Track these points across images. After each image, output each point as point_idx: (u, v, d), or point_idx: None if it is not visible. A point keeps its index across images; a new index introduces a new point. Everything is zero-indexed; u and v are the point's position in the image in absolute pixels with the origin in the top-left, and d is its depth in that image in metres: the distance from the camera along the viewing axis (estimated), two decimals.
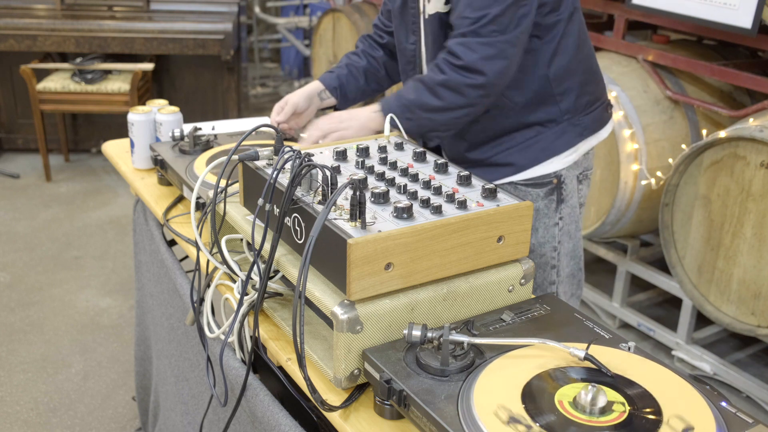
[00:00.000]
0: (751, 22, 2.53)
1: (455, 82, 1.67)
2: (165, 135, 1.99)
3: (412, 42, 1.87)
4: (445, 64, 1.67)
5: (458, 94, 1.68)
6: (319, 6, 6.07)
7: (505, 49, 1.65)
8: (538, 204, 1.85)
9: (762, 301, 2.55)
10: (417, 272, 1.17)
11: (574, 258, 1.95)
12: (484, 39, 1.64)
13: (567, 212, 1.89)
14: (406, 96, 1.72)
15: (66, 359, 2.99)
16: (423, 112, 1.70)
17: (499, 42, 1.65)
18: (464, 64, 1.65)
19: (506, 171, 1.83)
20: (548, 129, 1.81)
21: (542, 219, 1.86)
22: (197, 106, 5.02)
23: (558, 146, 1.82)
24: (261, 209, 1.24)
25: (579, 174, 1.88)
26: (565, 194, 1.86)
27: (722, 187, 2.60)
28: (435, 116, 1.71)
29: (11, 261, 3.72)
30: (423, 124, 1.72)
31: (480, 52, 1.64)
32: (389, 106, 1.73)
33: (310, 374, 1.17)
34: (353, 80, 2.02)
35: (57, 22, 4.51)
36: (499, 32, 1.64)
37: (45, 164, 4.62)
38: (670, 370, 1.08)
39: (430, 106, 1.69)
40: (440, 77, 1.67)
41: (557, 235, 1.88)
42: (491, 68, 1.65)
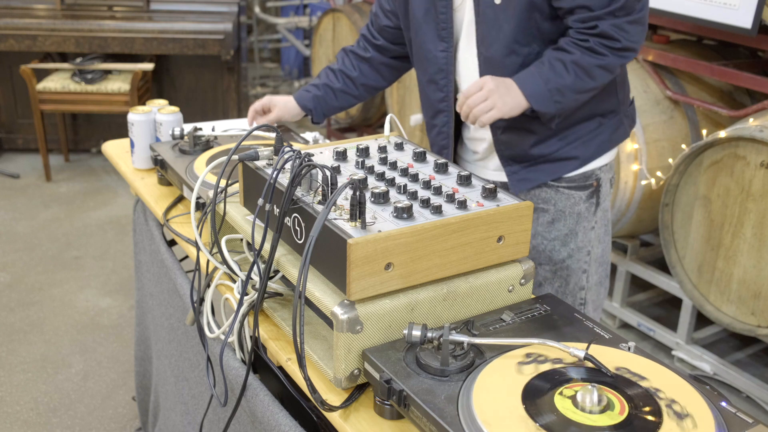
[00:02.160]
0: (751, 22, 2.53)
1: (613, 64, 1.64)
2: (165, 135, 1.99)
3: (443, 49, 1.78)
4: (602, 47, 1.62)
5: (609, 73, 1.66)
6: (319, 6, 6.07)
7: (645, 17, 1.64)
8: (580, 207, 1.82)
9: (762, 301, 2.55)
10: (417, 272, 1.17)
11: (602, 264, 1.92)
12: (633, 16, 1.61)
13: (600, 216, 1.87)
14: (558, 79, 1.63)
15: (66, 359, 2.99)
16: (575, 93, 1.66)
17: (644, 14, 1.63)
18: (623, 46, 1.62)
19: (570, 165, 1.80)
20: (608, 120, 1.80)
21: (582, 223, 1.83)
22: (197, 106, 5.02)
23: (616, 138, 1.82)
24: (261, 209, 1.24)
25: (611, 177, 1.88)
26: (601, 198, 1.85)
27: (722, 187, 2.60)
28: (582, 96, 1.68)
29: (11, 261, 3.72)
30: (567, 105, 1.68)
31: (632, 30, 1.61)
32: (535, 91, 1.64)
33: (310, 374, 1.17)
34: (327, 101, 1.99)
35: (57, 22, 4.51)
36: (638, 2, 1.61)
37: (45, 164, 4.62)
38: (670, 370, 1.08)
39: (585, 88, 1.66)
40: (600, 60, 1.63)
41: (592, 239, 1.86)
42: (639, 44, 1.65)
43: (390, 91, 4.29)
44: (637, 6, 1.61)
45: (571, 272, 1.86)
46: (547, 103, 1.65)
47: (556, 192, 1.80)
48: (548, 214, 1.83)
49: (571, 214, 1.82)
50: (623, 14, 1.60)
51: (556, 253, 1.84)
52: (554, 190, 1.80)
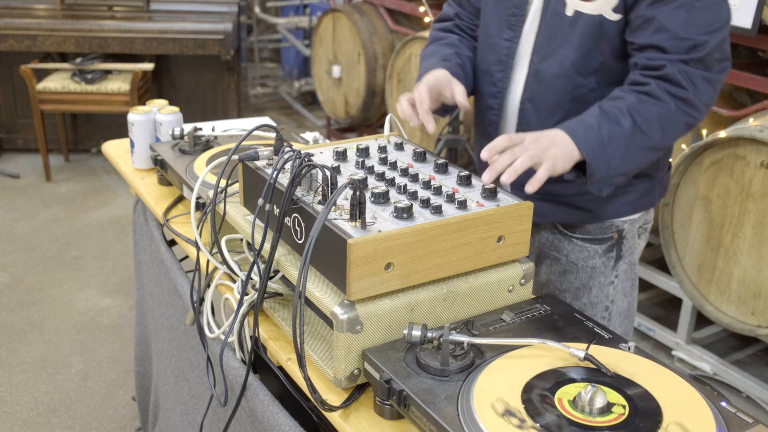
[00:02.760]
0: (751, 22, 2.53)
1: (675, 116, 1.41)
2: (165, 135, 1.99)
3: (507, 38, 1.59)
4: (663, 92, 1.40)
5: (672, 127, 1.43)
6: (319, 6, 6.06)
7: (721, 82, 1.43)
8: (595, 261, 1.63)
9: (762, 301, 2.55)
10: (417, 272, 1.17)
11: (628, 317, 1.73)
12: (709, 74, 1.41)
13: (624, 269, 1.67)
14: (612, 127, 1.38)
15: (66, 359, 2.99)
16: (633, 149, 1.40)
17: (721, 77, 1.42)
18: (688, 98, 1.40)
19: (582, 216, 1.61)
20: (640, 183, 1.59)
21: (597, 278, 1.65)
22: (197, 106, 5.02)
23: (641, 204, 1.63)
24: (261, 209, 1.24)
25: (640, 227, 1.67)
26: (624, 250, 1.65)
27: (722, 187, 2.60)
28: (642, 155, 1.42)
29: (11, 261, 3.72)
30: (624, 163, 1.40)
31: (702, 88, 1.41)
32: (588, 140, 1.37)
33: (310, 374, 1.17)
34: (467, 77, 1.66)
35: (57, 22, 4.51)
36: (719, 62, 1.41)
37: (45, 164, 4.62)
38: (670, 370, 1.08)
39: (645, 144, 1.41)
40: (660, 107, 1.40)
41: (611, 294, 1.67)
42: (707, 109, 1.44)
43: (390, 91, 4.29)
44: (717, 66, 1.42)
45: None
46: (600, 154, 1.36)
47: (569, 242, 1.63)
48: (560, 264, 1.67)
49: (584, 268, 1.64)
50: (700, 67, 1.40)
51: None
52: (567, 239, 1.63)
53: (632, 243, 1.67)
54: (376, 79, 4.52)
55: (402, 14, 4.55)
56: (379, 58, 4.49)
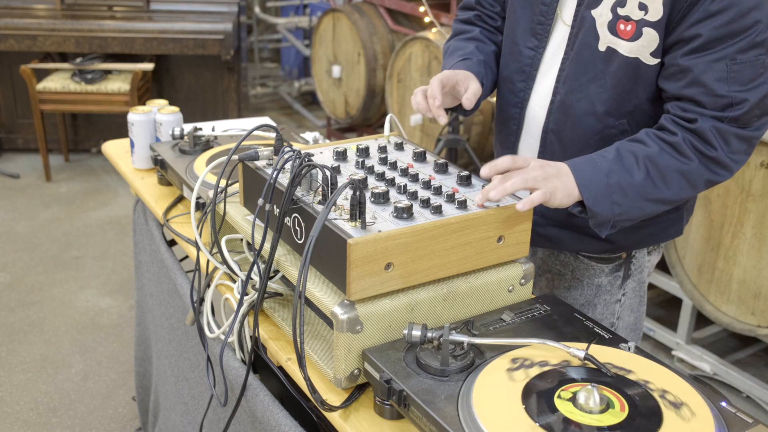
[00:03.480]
0: None
1: (698, 174, 1.32)
2: (165, 135, 1.99)
3: (532, 47, 1.49)
4: (690, 149, 1.31)
5: (692, 187, 1.34)
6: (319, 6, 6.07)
7: (754, 145, 1.34)
8: (601, 279, 1.57)
9: (762, 301, 2.55)
10: (417, 272, 1.17)
11: (635, 331, 1.68)
12: (743, 131, 1.30)
13: (632, 287, 1.60)
14: (624, 175, 1.30)
15: (66, 359, 2.99)
16: (641, 200, 1.32)
17: (755, 137, 1.32)
18: (716, 156, 1.31)
19: (602, 246, 1.52)
20: (667, 215, 1.50)
21: (603, 296, 1.59)
22: (197, 106, 5.02)
23: (668, 234, 1.54)
24: (261, 209, 1.24)
25: (651, 246, 1.60)
26: (633, 269, 1.58)
27: (722, 187, 2.60)
28: (649, 207, 1.34)
29: (11, 261, 3.72)
30: (628, 213, 1.32)
31: (734, 145, 1.31)
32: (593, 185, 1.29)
33: (310, 374, 1.17)
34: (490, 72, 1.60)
35: (57, 22, 4.51)
36: (758, 118, 1.31)
37: (45, 164, 4.62)
38: (670, 370, 1.08)
39: (655, 197, 1.32)
40: (682, 164, 1.31)
41: (617, 311, 1.62)
42: (738, 164, 1.34)
43: (390, 91, 4.29)
44: (756, 122, 1.31)
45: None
46: (602, 200, 1.29)
47: (575, 258, 1.57)
48: (565, 279, 1.61)
49: (590, 285, 1.59)
50: (735, 125, 1.30)
51: None
52: (573, 255, 1.58)
53: (641, 262, 1.60)
54: (376, 79, 4.52)
55: (402, 14, 4.55)
56: (379, 58, 4.49)
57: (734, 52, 1.27)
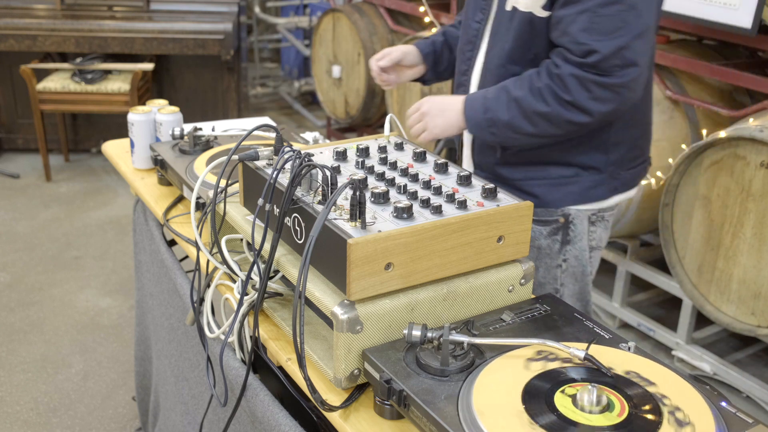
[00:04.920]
0: (751, 22, 2.53)
1: (557, 117, 1.52)
2: (165, 135, 1.99)
3: (478, 20, 1.71)
4: (550, 95, 1.51)
5: (555, 127, 1.55)
6: (319, 6, 6.07)
7: (621, 92, 1.49)
8: (540, 242, 1.72)
9: (762, 301, 2.55)
10: (417, 272, 1.17)
11: (581, 300, 1.81)
12: (601, 78, 1.47)
13: (573, 254, 1.74)
14: (496, 112, 1.57)
15: (66, 359, 2.99)
16: (511, 132, 1.58)
17: (618, 84, 1.48)
18: (573, 100, 1.50)
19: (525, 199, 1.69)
20: (588, 175, 1.67)
21: (544, 258, 1.73)
22: (197, 106, 5.02)
23: (590, 195, 1.69)
24: (261, 209, 1.24)
25: (591, 214, 1.73)
26: (573, 236, 1.72)
27: (722, 187, 2.60)
28: (522, 139, 1.59)
29: (11, 261, 3.72)
30: (505, 141, 1.62)
31: (593, 92, 1.48)
32: (475, 118, 1.60)
33: (310, 374, 1.17)
34: (447, 51, 1.91)
35: (57, 22, 4.51)
36: (620, 68, 1.46)
37: (45, 164, 4.62)
38: (670, 370, 1.08)
39: (522, 131, 1.57)
40: (542, 108, 1.52)
41: (559, 277, 1.75)
42: (599, 110, 1.50)
43: (390, 91, 4.29)
44: (616, 72, 1.47)
45: None
46: (482, 131, 1.61)
47: None
48: None
49: (531, 248, 1.72)
50: (594, 72, 1.48)
51: None
52: None
53: (581, 229, 1.73)
54: None
55: (402, 14, 4.55)
56: None
57: (597, 5, 1.46)
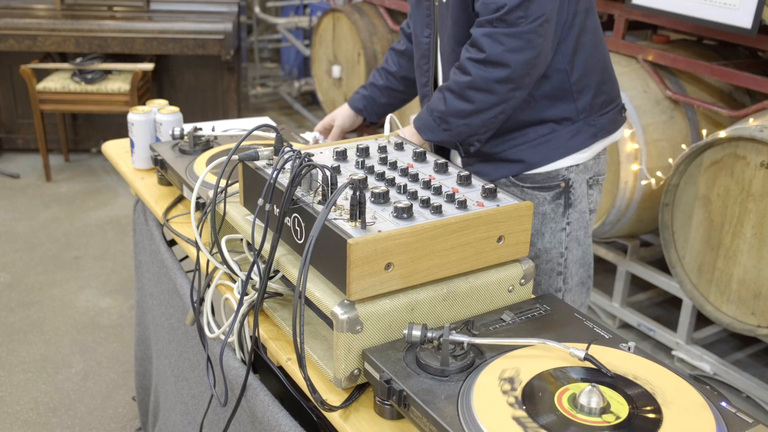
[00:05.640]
0: (751, 22, 2.53)
1: (482, 80, 1.61)
2: (165, 135, 1.99)
3: (427, 35, 1.84)
4: (468, 62, 1.62)
5: (488, 93, 1.62)
6: (319, 6, 6.07)
7: (532, 39, 1.59)
8: (545, 208, 1.81)
9: (762, 301, 2.55)
10: (417, 272, 1.17)
11: (583, 266, 1.90)
12: (510, 29, 1.57)
13: (575, 217, 1.83)
14: (437, 108, 1.68)
15: (66, 359, 2.99)
16: (458, 119, 1.66)
17: (526, 32, 1.58)
18: (487, 57, 1.59)
19: (516, 167, 1.79)
20: (563, 127, 1.76)
21: (549, 223, 1.82)
22: (197, 106, 5.02)
23: (572, 145, 1.78)
24: (261, 209, 1.24)
25: (589, 178, 1.83)
26: (573, 198, 1.82)
27: (722, 187, 2.60)
28: (470, 120, 1.66)
29: (11, 261, 3.72)
30: (461, 131, 1.68)
31: (506, 44, 1.58)
32: (424, 123, 1.71)
33: (310, 374, 1.17)
34: (375, 99, 2.08)
35: (57, 22, 4.51)
36: (525, 18, 1.57)
37: (45, 164, 4.62)
38: (670, 370, 1.08)
39: (463, 112, 1.65)
40: (466, 79, 1.62)
41: (564, 240, 1.83)
42: (516, 60, 1.59)
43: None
44: (522, 22, 1.57)
45: (541, 272, 1.85)
46: (436, 132, 1.69)
47: (521, 192, 1.81)
48: None
49: (536, 214, 1.81)
50: (504, 26, 1.58)
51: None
52: (519, 189, 1.81)
53: (581, 192, 1.82)
54: None
55: (402, 14, 4.55)
56: (379, 58, 4.49)
57: None
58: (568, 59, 1.71)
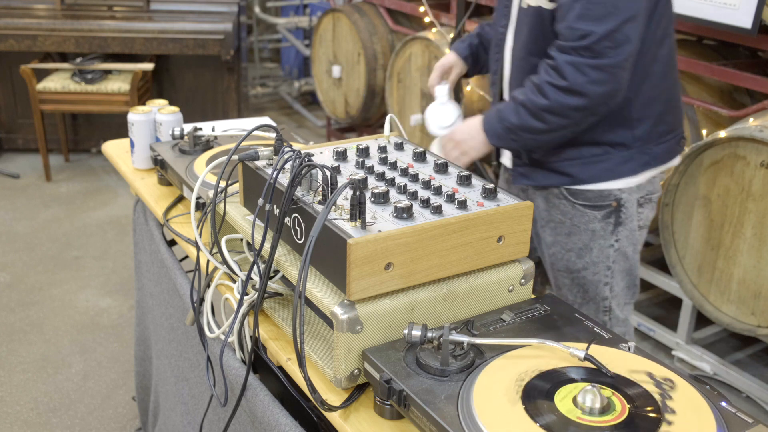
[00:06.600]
0: (751, 22, 2.53)
1: (559, 107, 1.62)
2: (165, 135, 1.99)
3: (503, 26, 1.86)
4: (547, 87, 1.62)
5: (563, 117, 1.65)
6: (319, 6, 6.07)
7: (616, 73, 1.59)
8: (594, 225, 1.84)
9: (762, 301, 2.55)
10: (417, 272, 1.17)
11: (630, 275, 1.94)
12: (596, 60, 1.57)
13: (624, 235, 1.86)
14: (508, 119, 1.70)
15: (66, 359, 2.99)
16: (527, 134, 1.69)
17: (612, 65, 1.58)
18: (569, 86, 1.59)
19: (564, 180, 1.82)
20: (616, 151, 1.77)
21: (598, 240, 1.84)
22: (197, 106, 5.02)
23: (622, 170, 1.79)
24: (261, 209, 1.24)
25: (640, 197, 1.84)
26: (624, 217, 1.83)
27: (722, 187, 2.60)
28: (540, 137, 1.71)
29: (11, 261, 3.72)
30: (528, 144, 1.74)
31: (589, 75, 1.58)
32: (494, 130, 1.74)
33: (310, 374, 1.17)
34: (482, 50, 2.07)
35: (57, 22, 4.51)
36: (612, 49, 1.56)
37: (45, 164, 4.62)
38: (670, 370, 1.08)
39: (535, 130, 1.68)
40: (543, 102, 1.63)
41: (612, 255, 1.86)
42: (597, 91, 1.60)
43: (390, 91, 4.29)
44: (609, 53, 1.56)
45: (588, 282, 1.88)
46: (502, 140, 1.74)
47: (573, 207, 1.84)
48: (565, 226, 1.89)
49: (586, 231, 1.85)
50: (590, 55, 1.57)
51: (572, 264, 1.88)
52: (571, 205, 1.84)
53: (632, 212, 1.84)
54: (376, 79, 4.52)
55: (402, 14, 4.55)
56: (379, 58, 4.49)
57: None
58: (634, 88, 1.69)
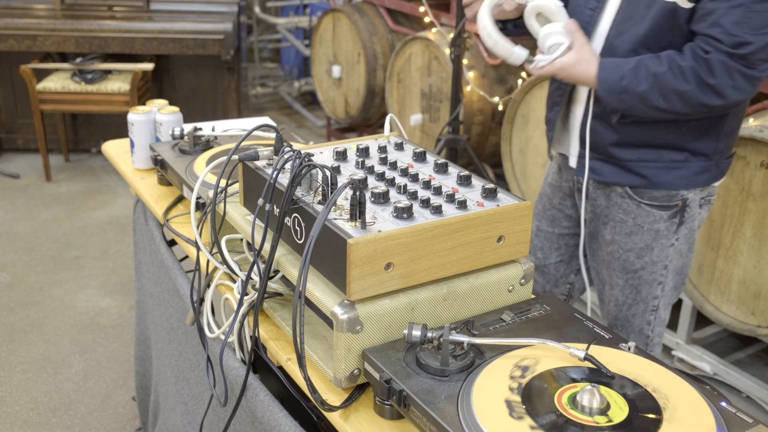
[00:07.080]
0: None
1: (694, 98, 1.60)
2: (165, 135, 1.99)
3: (592, 7, 1.76)
4: (693, 76, 1.58)
5: (687, 106, 1.62)
6: (319, 6, 6.07)
7: (756, 85, 1.60)
8: (659, 225, 1.81)
9: (762, 301, 2.55)
10: (417, 272, 1.17)
11: (680, 274, 1.93)
12: (747, 69, 1.56)
13: (684, 233, 1.85)
14: (633, 83, 1.62)
15: (66, 359, 2.99)
16: (641, 104, 1.64)
17: (758, 78, 1.58)
18: (715, 84, 1.57)
19: (636, 180, 1.78)
20: (696, 160, 1.75)
21: (660, 240, 1.83)
22: (197, 106, 5.02)
23: (695, 180, 1.78)
24: (261, 209, 1.24)
25: (701, 198, 1.84)
26: (687, 217, 1.82)
27: (722, 187, 2.60)
28: (649, 111, 1.65)
29: (11, 261, 3.72)
30: (630, 109, 1.67)
31: (736, 81, 1.57)
32: (608, 81, 1.64)
33: (310, 374, 1.17)
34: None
35: (57, 22, 4.51)
36: (764, 62, 1.56)
37: (45, 164, 4.62)
38: (670, 370, 1.08)
39: (653, 105, 1.63)
40: (682, 87, 1.59)
41: (670, 254, 1.85)
42: (734, 97, 1.59)
43: (390, 91, 4.29)
44: (760, 65, 1.57)
45: (643, 282, 1.86)
46: (611, 96, 1.65)
47: (638, 207, 1.80)
48: (626, 225, 1.84)
49: (649, 231, 1.82)
50: (741, 63, 1.56)
51: (630, 264, 1.86)
52: (636, 204, 1.80)
53: (694, 211, 1.83)
54: (376, 79, 4.52)
55: (402, 14, 4.56)
56: (379, 58, 4.49)
57: (750, 1, 1.54)
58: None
